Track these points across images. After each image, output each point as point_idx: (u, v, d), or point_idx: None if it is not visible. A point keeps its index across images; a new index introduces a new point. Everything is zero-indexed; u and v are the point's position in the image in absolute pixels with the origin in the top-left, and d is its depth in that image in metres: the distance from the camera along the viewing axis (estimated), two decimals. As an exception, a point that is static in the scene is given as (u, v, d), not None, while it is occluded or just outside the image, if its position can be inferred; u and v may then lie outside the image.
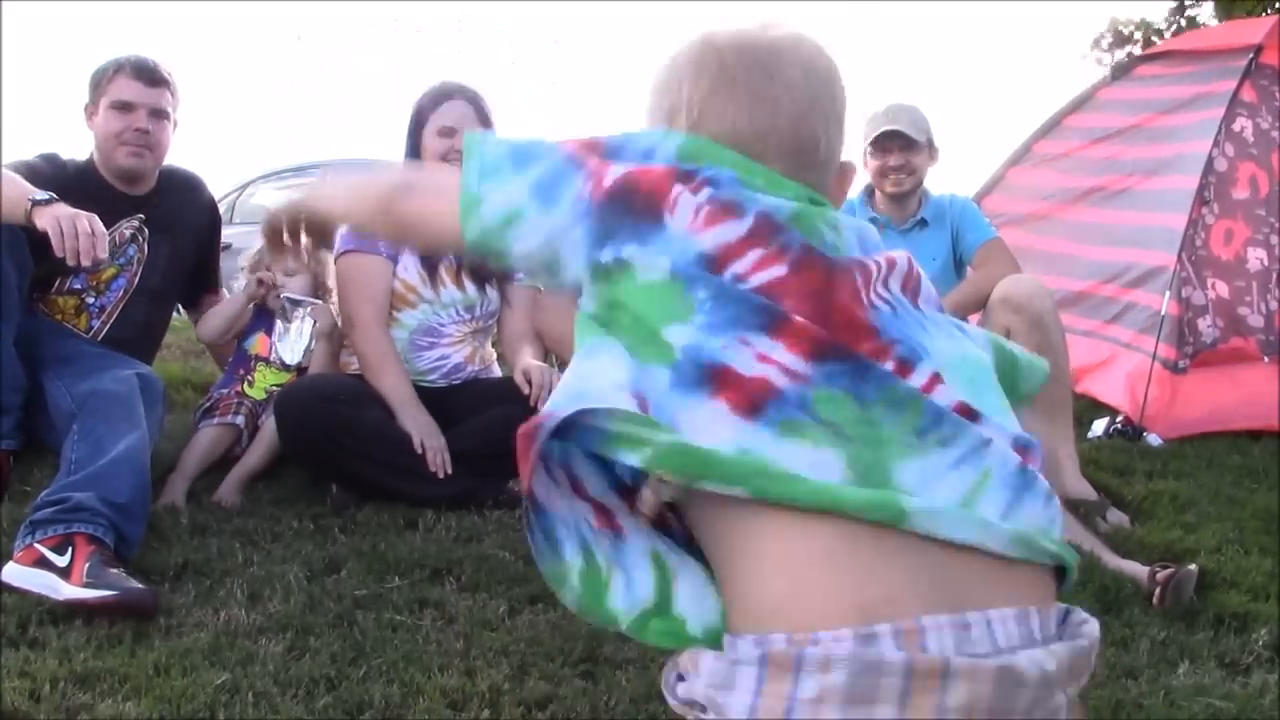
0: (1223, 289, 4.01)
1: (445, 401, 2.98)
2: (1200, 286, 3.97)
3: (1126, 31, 13.18)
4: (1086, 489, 2.96)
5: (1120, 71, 5.09)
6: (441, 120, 3.02)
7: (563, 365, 3.21)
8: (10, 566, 2.14)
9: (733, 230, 1.02)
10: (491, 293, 3.14)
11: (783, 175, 1.09)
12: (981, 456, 1.00)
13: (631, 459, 0.98)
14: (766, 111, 1.11)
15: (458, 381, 3.09)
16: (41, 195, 2.49)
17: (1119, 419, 3.86)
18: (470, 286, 3.10)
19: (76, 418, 2.49)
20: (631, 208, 1.03)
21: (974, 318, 3.47)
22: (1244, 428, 3.81)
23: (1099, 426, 3.84)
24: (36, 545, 2.15)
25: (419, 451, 2.81)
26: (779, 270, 1.01)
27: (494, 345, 3.31)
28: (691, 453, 0.96)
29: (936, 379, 1.03)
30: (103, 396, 2.51)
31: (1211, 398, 3.88)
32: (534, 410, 2.81)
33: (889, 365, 1.01)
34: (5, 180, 2.51)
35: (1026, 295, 3.06)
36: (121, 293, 2.97)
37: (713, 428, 0.97)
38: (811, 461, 0.95)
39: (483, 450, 2.87)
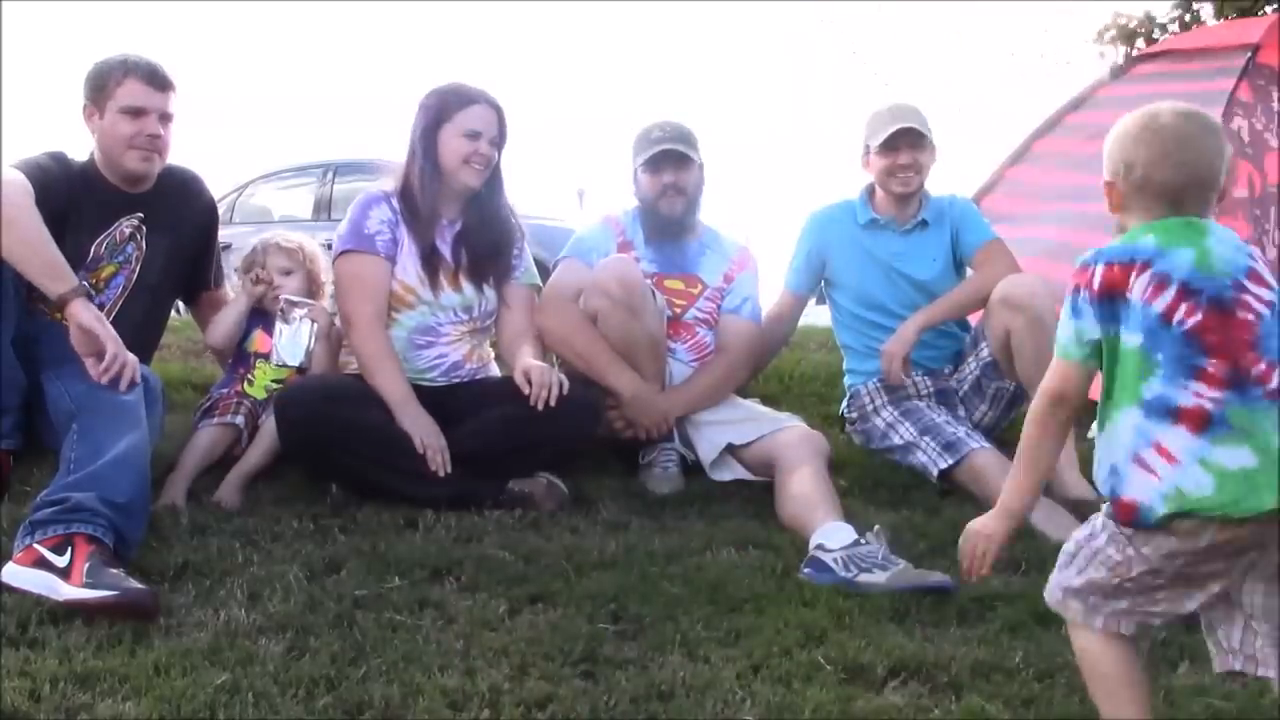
0: None
1: (445, 401, 2.98)
2: None
3: (1131, 26, 13.15)
4: (1086, 489, 2.96)
5: (1119, 71, 5.08)
6: (467, 123, 3.02)
7: (563, 365, 3.21)
8: (10, 567, 2.14)
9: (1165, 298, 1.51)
10: (489, 293, 3.14)
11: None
12: None
13: None
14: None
15: (457, 380, 3.09)
16: (80, 283, 2.58)
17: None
18: (468, 287, 3.10)
19: (76, 417, 2.49)
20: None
21: (974, 318, 3.47)
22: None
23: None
24: (36, 545, 2.15)
25: (419, 451, 2.81)
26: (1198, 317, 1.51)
27: (492, 345, 3.31)
28: None
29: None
30: (102, 396, 2.50)
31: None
32: (534, 410, 2.83)
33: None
34: (46, 243, 2.58)
35: (1026, 295, 3.06)
36: (120, 291, 2.97)
37: None
38: None
39: (482, 450, 2.88)
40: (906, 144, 3.34)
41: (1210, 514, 1.47)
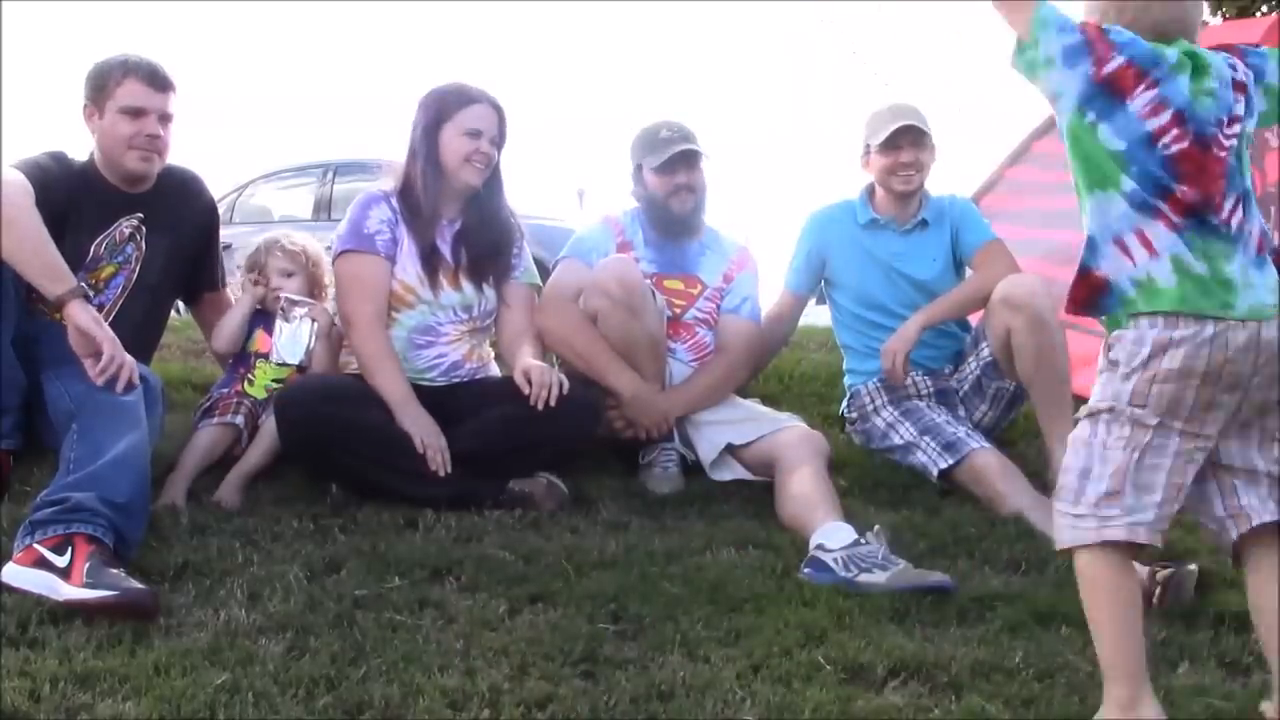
0: None
1: (445, 401, 2.98)
2: None
3: None
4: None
5: None
6: (468, 122, 3.03)
7: (563, 365, 3.21)
8: (10, 567, 2.14)
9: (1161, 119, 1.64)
10: (489, 293, 3.14)
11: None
12: None
13: None
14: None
15: (457, 380, 3.09)
16: (79, 284, 2.58)
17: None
18: (468, 287, 3.10)
19: (75, 417, 2.49)
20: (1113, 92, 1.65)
21: (974, 317, 3.47)
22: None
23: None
24: (36, 545, 2.15)
25: (420, 451, 2.81)
26: (1183, 144, 1.65)
27: (492, 345, 3.31)
28: None
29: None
30: (101, 396, 2.50)
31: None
32: (534, 410, 2.83)
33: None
34: (45, 244, 2.58)
35: (1027, 295, 3.06)
36: (120, 291, 2.97)
37: None
38: None
39: (482, 450, 2.88)
40: (908, 142, 3.34)
41: (1173, 311, 1.62)
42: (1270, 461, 1.74)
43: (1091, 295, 1.68)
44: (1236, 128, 1.71)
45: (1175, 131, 1.67)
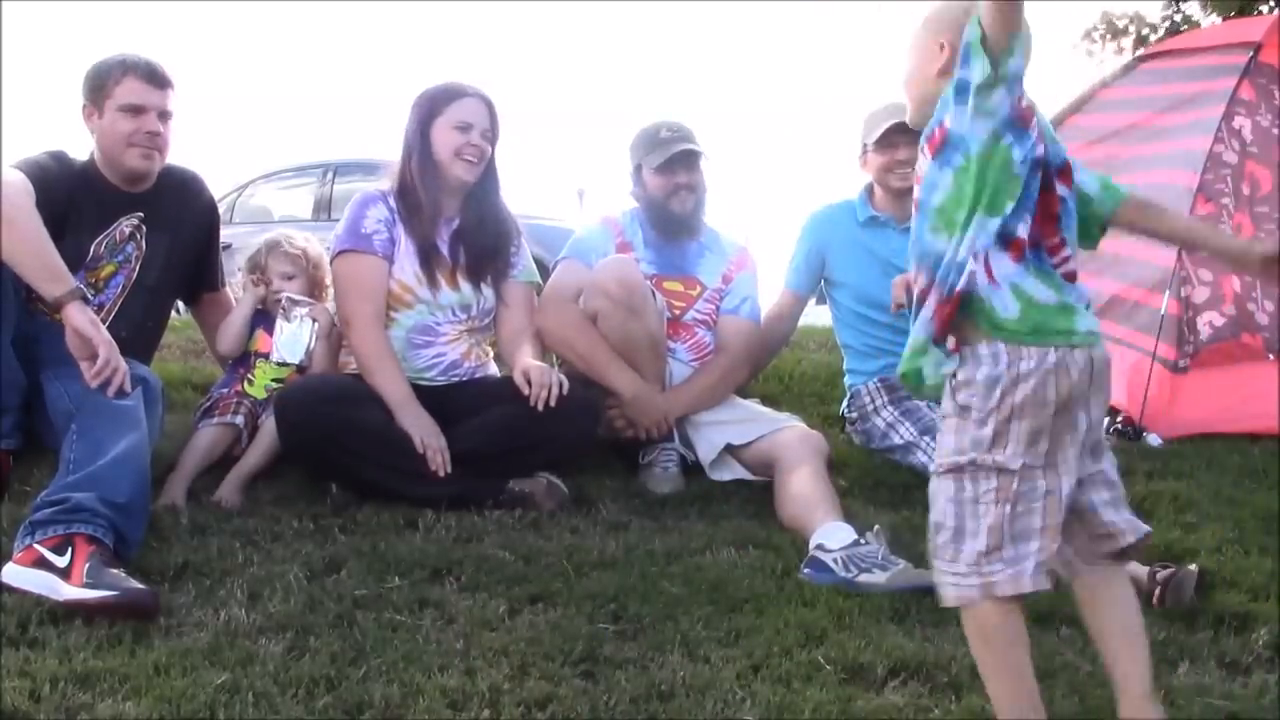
0: (1234, 283, 4.01)
1: (444, 401, 2.98)
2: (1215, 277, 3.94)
3: (1121, 25, 13.12)
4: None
5: (1121, 73, 5.08)
6: (458, 115, 3.03)
7: (563, 365, 3.21)
8: (10, 567, 2.14)
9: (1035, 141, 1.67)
10: (487, 292, 3.14)
11: None
12: None
13: None
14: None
15: (455, 379, 3.09)
16: (77, 285, 2.56)
17: (1119, 419, 3.86)
18: (466, 286, 3.10)
19: (74, 417, 2.50)
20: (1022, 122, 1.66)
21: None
22: (1245, 429, 3.81)
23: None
24: (36, 546, 2.15)
25: (419, 451, 2.81)
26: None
27: (491, 345, 3.31)
28: None
29: None
30: (101, 396, 2.50)
31: (1212, 398, 3.88)
32: (534, 410, 2.83)
33: None
34: (45, 244, 2.57)
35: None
36: (120, 290, 2.97)
37: None
38: None
39: (482, 450, 2.88)
40: (905, 140, 3.35)
41: (1018, 340, 1.63)
42: (1114, 471, 1.75)
43: (957, 312, 1.66)
44: (1067, 176, 1.75)
45: (1043, 163, 1.69)
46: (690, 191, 3.34)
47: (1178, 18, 12.44)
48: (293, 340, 3.05)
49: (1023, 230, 1.65)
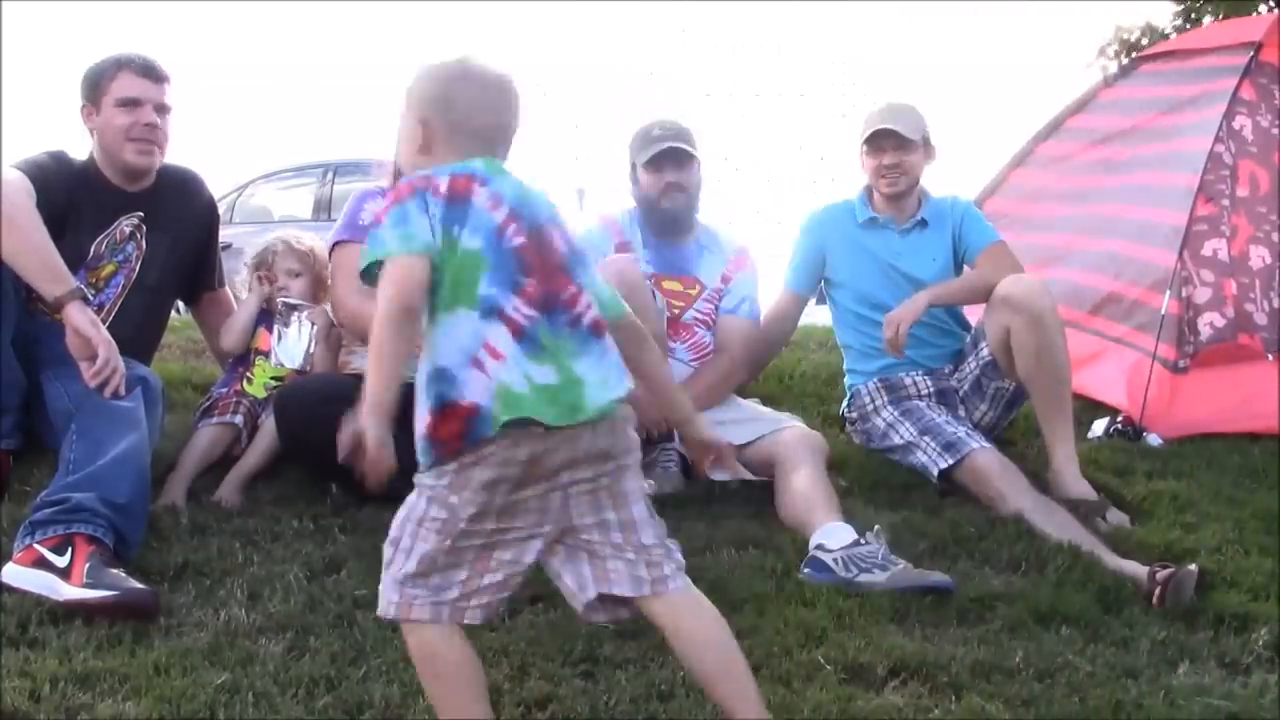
0: (1231, 285, 4.00)
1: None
2: (1216, 275, 3.94)
3: (1132, 39, 13.08)
4: (1086, 489, 2.96)
5: (1121, 73, 5.08)
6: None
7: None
8: (10, 567, 2.14)
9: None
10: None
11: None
12: None
13: None
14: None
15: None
16: (77, 285, 2.57)
17: (1119, 419, 3.85)
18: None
19: (74, 417, 2.50)
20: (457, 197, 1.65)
21: (974, 318, 3.47)
22: (1245, 429, 3.81)
23: (1099, 427, 3.83)
24: (36, 546, 2.15)
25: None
26: (521, 238, 1.66)
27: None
28: None
29: None
30: (101, 396, 2.50)
31: (1212, 398, 3.87)
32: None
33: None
34: (45, 244, 2.58)
35: (1027, 295, 3.06)
36: (120, 290, 2.97)
37: None
38: None
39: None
40: (891, 145, 3.34)
41: (528, 420, 1.58)
42: (633, 529, 1.70)
43: (465, 428, 1.62)
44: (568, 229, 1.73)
45: (514, 225, 1.65)
46: (680, 190, 3.33)
47: (1188, 26, 12.42)
48: (293, 345, 3.05)
49: (517, 294, 1.62)
